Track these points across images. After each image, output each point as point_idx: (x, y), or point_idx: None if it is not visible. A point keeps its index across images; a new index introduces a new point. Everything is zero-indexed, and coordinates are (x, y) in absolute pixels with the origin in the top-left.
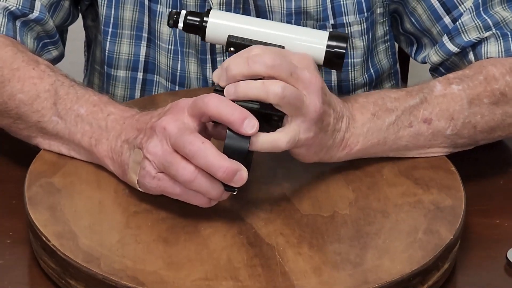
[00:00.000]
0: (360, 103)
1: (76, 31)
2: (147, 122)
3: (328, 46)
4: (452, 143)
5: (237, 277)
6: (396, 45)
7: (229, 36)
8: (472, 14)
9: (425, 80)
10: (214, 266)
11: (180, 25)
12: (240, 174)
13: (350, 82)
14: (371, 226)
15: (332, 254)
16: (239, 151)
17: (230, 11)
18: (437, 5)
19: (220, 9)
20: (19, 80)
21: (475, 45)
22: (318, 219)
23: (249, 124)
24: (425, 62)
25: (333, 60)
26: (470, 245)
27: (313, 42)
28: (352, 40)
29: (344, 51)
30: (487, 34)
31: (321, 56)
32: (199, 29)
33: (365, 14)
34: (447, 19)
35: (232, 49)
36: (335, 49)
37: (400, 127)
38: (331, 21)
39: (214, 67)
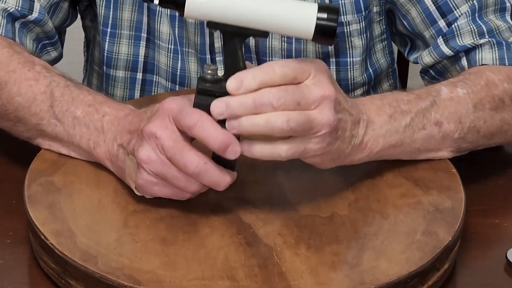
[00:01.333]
0: (376, 105)
1: (73, 32)
2: (137, 126)
3: (318, 18)
4: (457, 147)
5: (233, 277)
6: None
7: (208, 22)
8: (468, 18)
9: (432, 84)
10: (211, 265)
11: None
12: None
13: (349, 82)
14: (370, 227)
15: (329, 254)
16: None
17: None
18: (432, 8)
19: None
20: (15, 82)
21: (469, 51)
22: (316, 220)
23: (232, 150)
24: (417, 62)
25: (324, 34)
26: (470, 245)
27: (302, 15)
28: (351, 39)
29: (336, 24)
30: (482, 41)
31: (310, 30)
32: (177, 5)
33: (363, 12)
34: (441, 23)
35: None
36: (326, 22)
37: (414, 130)
38: None
39: None
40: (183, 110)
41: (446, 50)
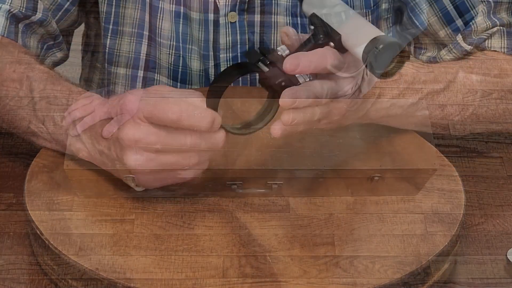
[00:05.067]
0: None
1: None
2: (110, 130)
3: (366, 47)
4: None
5: (225, 276)
6: None
7: (312, 14)
8: (484, 16)
9: None
10: (204, 264)
11: None
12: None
13: None
14: (366, 230)
15: (323, 256)
16: None
17: (235, 5)
18: (450, 8)
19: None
20: (3, 84)
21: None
22: (313, 221)
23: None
24: (431, 62)
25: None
26: (470, 245)
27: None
28: None
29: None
30: (494, 30)
31: (360, 52)
32: None
33: (371, 7)
34: (459, 22)
35: (312, 27)
36: (371, 54)
37: None
38: None
39: (216, 64)
40: (157, 107)
41: (466, 46)
